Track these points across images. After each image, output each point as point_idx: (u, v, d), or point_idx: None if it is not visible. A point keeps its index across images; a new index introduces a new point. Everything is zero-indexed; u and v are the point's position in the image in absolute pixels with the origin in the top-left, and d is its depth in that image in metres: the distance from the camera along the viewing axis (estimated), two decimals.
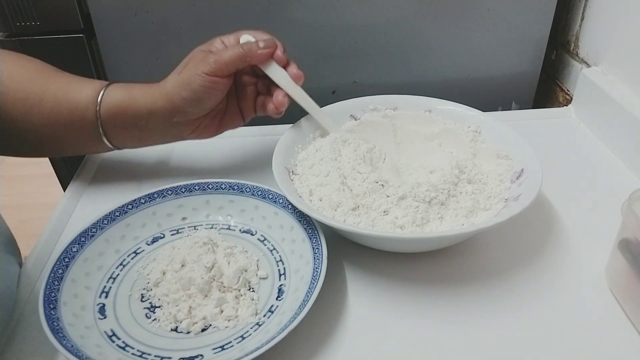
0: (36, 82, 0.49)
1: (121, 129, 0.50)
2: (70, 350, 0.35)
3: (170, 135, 0.51)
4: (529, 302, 0.43)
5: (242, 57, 0.47)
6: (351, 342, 0.40)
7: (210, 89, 0.47)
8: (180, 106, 0.48)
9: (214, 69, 0.46)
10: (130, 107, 0.48)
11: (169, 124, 0.49)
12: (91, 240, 0.45)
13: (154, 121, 0.49)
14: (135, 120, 0.49)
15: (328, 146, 0.52)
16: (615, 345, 0.40)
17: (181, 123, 0.49)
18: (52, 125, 0.49)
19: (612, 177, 0.58)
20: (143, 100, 0.48)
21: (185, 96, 0.47)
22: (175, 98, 0.47)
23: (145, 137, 0.51)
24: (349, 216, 0.45)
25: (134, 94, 0.49)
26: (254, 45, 0.48)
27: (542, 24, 0.70)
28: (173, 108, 0.48)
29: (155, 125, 0.50)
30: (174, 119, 0.49)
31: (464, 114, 0.56)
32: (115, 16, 0.63)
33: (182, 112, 0.48)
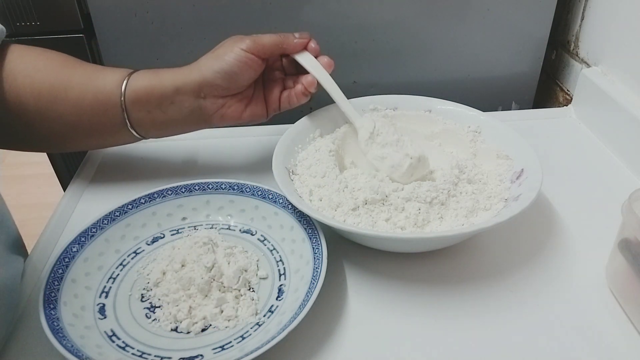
0: (61, 72, 0.49)
1: (145, 112, 0.49)
2: (70, 350, 0.35)
3: (195, 117, 0.50)
4: (528, 301, 0.43)
5: (279, 43, 0.49)
6: (351, 342, 0.40)
7: (245, 64, 0.48)
8: (210, 80, 0.48)
9: (251, 47, 0.48)
10: (156, 88, 0.49)
11: (194, 102, 0.49)
12: (91, 240, 0.45)
13: (180, 99, 0.49)
14: (161, 101, 0.49)
15: (328, 147, 0.52)
16: (615, 345, 0.40)
17: (208, 100, 0.49)
18: (77, 113, 0.49)
19: (612, 177, 0.58)
20: (170, 79, 0.49)
21: (218, 68, 0.47)
22: (207, 71, 0.48)
23: (169, 121, 0.51)
24: (349, 216, 0.45)
25: (161, 75, 0.49)
26: (290, 35, 0.50)
27: (542, 24, 0.70)
28: (203, 81, 0.48)
29: (181, 105, 0.49)
30: (202, 95, 0.49)
31: (464, 114, 0.56)
32: (115, 16, 0.63)
33: (211, 86, 0.48)
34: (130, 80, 0.49)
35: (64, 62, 0.50)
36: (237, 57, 0.47)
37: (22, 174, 1.78)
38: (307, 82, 0.51)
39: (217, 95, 0.49)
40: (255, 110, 0.52)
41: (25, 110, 0.48)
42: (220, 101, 0.50)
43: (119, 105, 0.49)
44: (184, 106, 0.49)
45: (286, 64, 0.53)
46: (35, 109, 0.48)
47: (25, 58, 0.49)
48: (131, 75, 0.49)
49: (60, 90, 0.48)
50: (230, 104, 0.50)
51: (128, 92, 0.49)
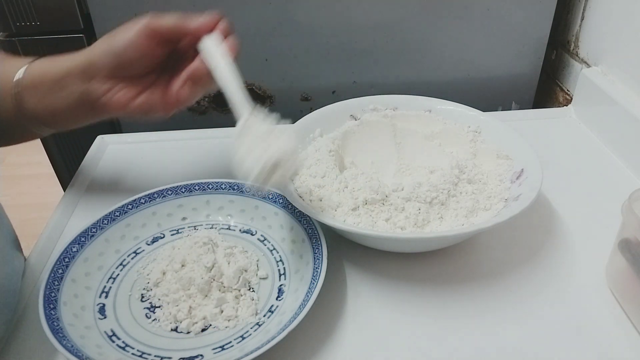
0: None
1: (38, 98, 0.46)
2: (70, 350, 0.35)
3: (82, 101, 0.46)
4: (528, 301, 0.43)
5: (177, 26, 0.44)
6: (351, 342, 0.40)
7: (135, 44, 0.43)
8: (96, 59, 0.44)
9: (147, 28, 0.43)
10: (50, 71, 0.46)
11: (82, 85, 0.45)
12: (91, 240, 0.45)
13: (68, 82, 0.45)
14: (52, 85, 0.46)
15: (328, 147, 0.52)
16: (615, 345, 0.39)
17: (95, 82, 0.45)
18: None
19: (612, 177, 0.58)
20: (61, 62, 0.46)
21: (106, 47, 0.44)
22: (95, 51, 0.44)
23: (60, 109, 0.47)
24: (349, 216, 0.45)
25: (57, 59, 0.46)
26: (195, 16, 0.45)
27: (542, 24, 0.70)
28: (89, 62, 0.44)
29: (70, 88, 0.45)
30: (89, 76, 0.45)
31: (464, 114, 0.56)
32: (115, 16, 0.63)
33: (98, 67, 0.44)
34: (28, 67, 0.46)
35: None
36: (129, 36, 0.43)
37: (22, 174, 1.78)
38: (194, 68, 0.44)
39: (105, 76, 0.45)
40: (148, 100, 0.46)
41: None
42: (108, 84, 0.45)
43: (11, 92, 0.46)
44: (72, 90, 0.45)
45: None
46: None
47: None
48: (32, 63, 0.47)
49: None
50: (118, 89, 0.45)
51: (24, 79, 0.46)
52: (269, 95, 0.71)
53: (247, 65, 0.69)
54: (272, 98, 0.72)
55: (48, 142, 0.74)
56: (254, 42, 0.67)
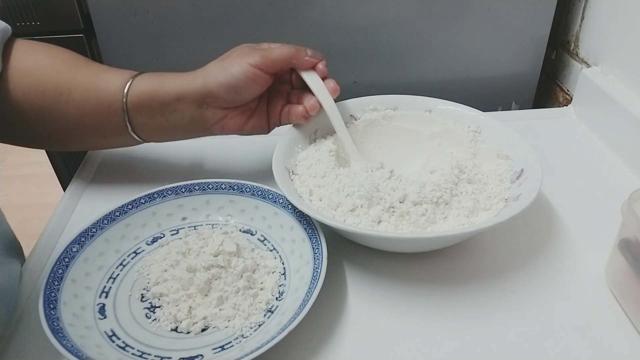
0: (65, 72, 0.49)
1: (147, 117, 0.49)
2: (70, 350, 0.35)
3: (195, 125, 0.50)
4: (528, 301, 0.43)
5: (290, 57, 0.48)
6: (351, 342, 0.40)
7: (251, 80, 0.47)
8: (214, 91, 0.47)
9: (260, 62, 0.46)
10: (158, 93, 0.48)
11: (196, 111, 0.48)
12: (91, 240, 0.45)
13: (182, 107, 0.48)
14: (162, 107, 0.48)
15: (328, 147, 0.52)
16: (615, 345, 0.40)
17: (210, 110, 0.48)
18: (80, 114, 0.49)
19: (612, 177, 0.58)
20: (173, 85, 0.48)
21: (223, 81, 0.46)
22: (211, 82, 0.47)
23: (170, 127, 0.50)
24: (348, 216, 0.45)
25: (164, 80, 0.48)
26: (303, 50, 0.49)
27: (542, 24, 0.70)
28: (206, 92, 0.47)
29: (182, 113, 0.48)
30: (204, 105, 0.48)
31: (464, 114, 0.56)
32: (115, 16, 0.63)
33: (214, 98, 0.47)
34: (133, 83, 0.48)
35: (68, 61, 0.50)
36: (244, 71, 0.46)
37: (22, 174, 1.78)
38: (309, 106, 0.50)
39: (219, 106, 0.48)
40: (257, 123, 0.51)
41: (29, 108, 0.48)
42: (222, 112, 0.49)
43: (121, 108, 0.48)
44: (185, 114, 0.49)
45: (294, 78, 0.52)
46: (39, 108, 0.48)
47: (31, 55, 0.49)
48: (135, 78, 0.49)
49: (64, 90, 0.48)
50: (232, 116, 0.49)
51: (130, 96, 0.48)
52: None
53: None
54: None
55: None
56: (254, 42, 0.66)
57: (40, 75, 0.48)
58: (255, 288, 0.43)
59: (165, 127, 0.50)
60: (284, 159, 0.50)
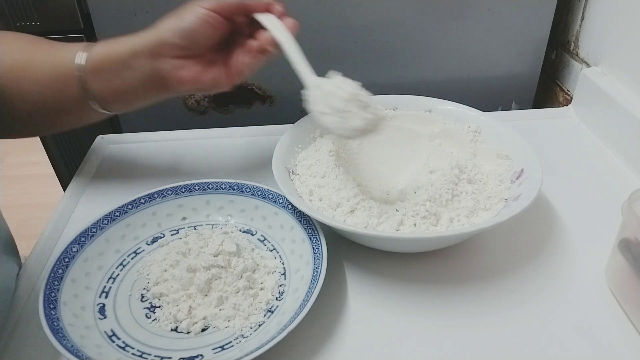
0: (24, 51, 0.48)
1: (104, 81, 0.48)
2: (70, 350, 0.35)
3: (152, 82, 0.48)
4: (529, 301, 0.43)
5: (241, 2, 0.47)
6: (351, 342, 0.40)
7: (205, 22, 0.45)
8: (168, 38, 0.46)
9: (213, 4, 0.46)
10: (112, 54, 0.47)
11: (151, 65, 0.47)
12: (91, 240, 0.45)
13: (136, 63, 0.47)
14: (118, 67, 0.47)
15: (328, 147, 0.52)
16: (615, 345, 0.40)
17: (165, 62, 0.47)
18: (40, 90, 0.48)
19: (612, 177, 0.58)
20: (126, 43, 0.47)
21: (176, 27, 0.46)
22: (165, 30, 0.46)
23: (128, 88, 0.48)
24: (349, 216, 0.45)
25: (119, 41, 0.48)
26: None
27: (542, 24, 0.70)
28: (159, 41, 0.46)
29: (138, 69, 0.47)
30: (159, 55, 0.46)
31: (464, 114, 0.56)
32: (115, 16, 0.63)
33: (169, 46, 0.46)
34: (90, 50, 0.48)
35: (28, 40, 0.49)
36: (197, 14, 0.45)
37: (22, 174, 1.79)
38: (263, 38, 0.47)
39: (174, 55, 0.47)
40: (215, 74, 0.48)
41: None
42: (177, 62, 0.47)
43: (78, 77, 0.47)
44: (141, 70, 0.47)
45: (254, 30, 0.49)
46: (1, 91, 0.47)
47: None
48: (93, 46, 0.48)
49: (24, 68, 0.47)
50: (188, 65, 0.47)
51: (87, 62, 0.47)
52: (269, 95, 0.71)
53: None
54: (272, 98, 0.72)
55: (48, 142, 0.74)
56: None
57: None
58: (255, 288, 0.43)
59: (123, 89, 0.48)
60: (284, 159, 0.50)
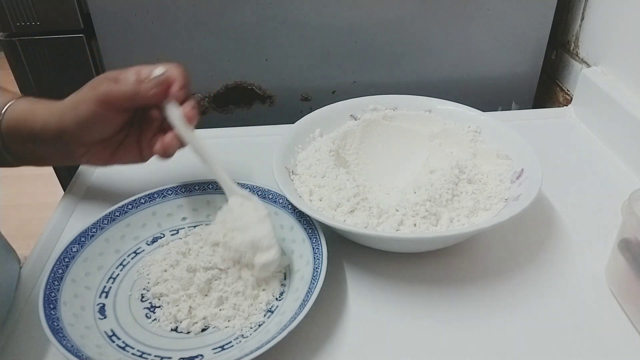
0: None
1: (19, 143, 0.47)
2: (70, 350, 0.35)
3: (63, 156, 0.48)
4: (529, 302, 0.43)
5: (131, 96, 0.43)
6: (351, 342, 0.40)
7: (97, 118, 0.44)
8: (68, 127, 0.44)
9: (103, 100, 0.43)
10: (27, 121, 0.46)
11: (60, 143, 0.46)
12: (91, 240, 0.45)
13: (47, 138, 0.46)
14: (31, 136, 0.46)
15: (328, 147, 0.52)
16: (615, 345, 0.40)
17: (71, 145, 0.46)
18: None
19: (612, 177, 0.58)
20: (40, 115, 0.46)
21: (73, 119, 0.44)
22: (65, 117, 0.44)
23: (42, 155, 0.49)
24: (349, 216, 0.45)
25: (35, 108, 0.47)
26: (144, 83, 0.43)
27: (542, 24, 0.70)
28: (62, 127, 0.45)
29: (48, 143, 0.46)
30: (63, 140, 0.46)
31: (464, 114, 0.56)
32: (115, 16, 0.63)
33: (70, 134, 0.45)
34: (9, 108, 0.47)
35: None
36: (89, 110, 0.43)
37: (22, 174, 1.78)
38: (164, 144, 0.45)
39: (78, 142, 0.46)
40: (125, 155, 0.48)
41: None
42: (84, 148, 0.46)
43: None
44: (51, 146, 0.47)
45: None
46: None
47: None
48: (16, 101, 0.47)
49: None
50: (95, 151, 0.47)
51: (5, 120, 0.46)
52: (269, 95, 0.71)
53: (247, 65, 0.69)
54: (272, 98, 0.72)
55: None
56: (254, 42, 0.67)
57: None
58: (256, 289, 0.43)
59: (37, 154, 0.49)
60: (284, 159, 0.50)
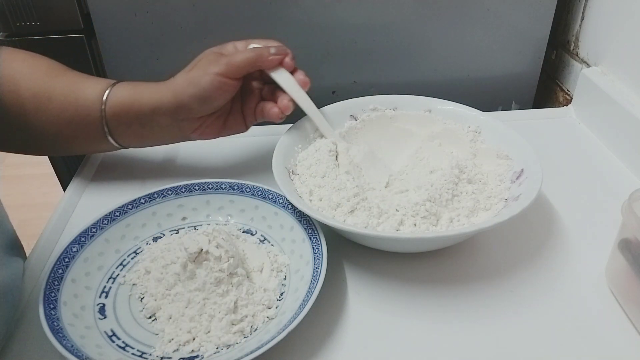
0: (45, 81, 0.49)
1: (125, 126, 0.50)
2: (70, 350, 0.35)
3: (173, 134, 0.52)
4: (529, 302, 0.43)
5: (253, 61, 0.48)
6: (351, 342, 0.40)
7: (219, 89, 0.47)
8: (186, 103, 0.48)
9: (225, 70, 0.47)
10: (134, 105, 0.49)
11: (172, 122, 0.50)
12: (91, 240, 0.45)
13: (158, 119, 0.49)
14: (139, 118, 0.49)
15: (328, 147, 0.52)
16: (615, 345, 0.40)
17: (185, 121, 0.50)
18: (58, 123, 0.49)
19: (612, 177, 0.58)
20: (148, 98, 0.49)
21: (193, 93, 0.47)
22: (182, 95, 0.48)
23: (149, 135, 0.51)
24: (349, 216, 0.45)
25: (139, 92, 0.49)
26: (265, 50, 0.49)
27: (542, 24, 0.70)
28: (178, 105, 0.48)
29: (159, 123, 0.50)
30: (179, 117, 0.49)
31: (464, 114, 0.56)
32: (115, 16, 0.63)
33: (187, 110, 0.48)
34: (111, 93, 0.49)
35: (48, 70, 0.50)
36: (211, 81, 0.47)
37: (22, 174, 1.78)
38: (282, 106, 0.50)
39: (193, 117, 0.49)
40: (233, 125, 0.52)
41: (7, 115, 0.48)
42: (198, 122, 0.50)
43: (99, 117, 0.49)
44: (162, 125, 0.50)
45: (264, 75, 0.52)
46: (18, 116, 0.48)
47: (12, 63, 0.49)
48: (112, 87, 0.50)
49: (44, 100, 0.48)
50: (208, 124, 0.51)
51: (108, 105, 0.49)
52: None
53: None
54: None
55: None
56: None
57: (21, 85, 0.48)
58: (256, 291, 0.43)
59: (143, 135, 0.51)
60: (284, 159, 0.50)
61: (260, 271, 0.45)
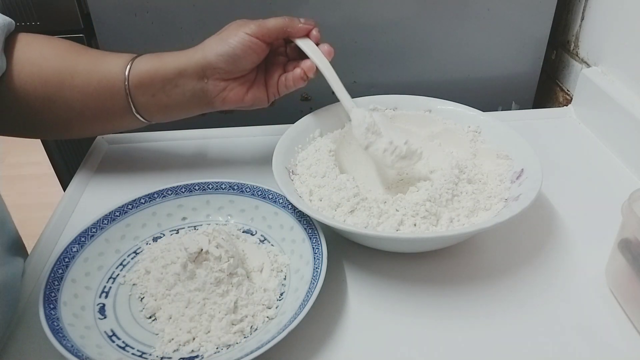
0: (67, 58, 0.50)
1: (149, 96, 0.50)
2: (70, 350, 0.35)
3: (197, 100, 0.51)
4: (528, 301, 0.43)
5: (283, 26, 0.49)
6: (351, 342, 0.40)
7: (249, 48, 0.48)
8: (213, 62, 0.48)
9: (256, 31, 0.48)
10: (159, 71, 0.49)
11: (197, 85, 0.50)
12: (91, 240, 0.45)
13: (183, 82, 0.50)
14: (164, 84, 0.50)
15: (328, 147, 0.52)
16: (615, 345, 0.40)
17: (210, 82, 0.50)
18: (83, 99, 0.50)
19: (612, 177, 0.58)
20: (173, 62, 0.49)
21: (222, 52, 0.48)
22: (211, 53, 0.48)
23: (173, 104, 0.51)
24: (349, 216, 0.45)
25: (163, 58, 0.50)
26: (296, 19, 0.51)
27: (542, 24, 0.70)
28: (206, 64, 0.48)
29: (184, 87, 0.50)
30: (205, 77, 0.49)
31: (464, 114, 0.56)
32: (115, 16, 0.63)
33: (214, 69, 0.49)
34: (134, 64, 0.50)
35: (69, 49, 0.51)
36: (242, 40, 0.48)
37: (22, 174, 1.78)
38: (306, 67, 0.51)
39: (219, 78, 0.50)
40: (256, 94, 0.52)
41: (32, 97, 0.49)
42: (223, 84, 0.50)
43: (123, 90, 0.50)
44: (186, 89, 0.50)
45: (289, 50, 0.54)
46: (42, 96, 0.49)
47: (32, 46, 0.50)
48: (135, 59, 0.50)
49: (67, 76, 0.49)
50: (232, 87, 0.51)
51: (132, 76, 0.49)
52: None
53: None
54: None
55: (48, 142, 0.74)
56: None
57: (42, 64, 0.49)
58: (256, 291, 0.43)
59: (167, 104, 0.51)
60: (284, 159, 0.50)
61: (260, 271, 0.45)
